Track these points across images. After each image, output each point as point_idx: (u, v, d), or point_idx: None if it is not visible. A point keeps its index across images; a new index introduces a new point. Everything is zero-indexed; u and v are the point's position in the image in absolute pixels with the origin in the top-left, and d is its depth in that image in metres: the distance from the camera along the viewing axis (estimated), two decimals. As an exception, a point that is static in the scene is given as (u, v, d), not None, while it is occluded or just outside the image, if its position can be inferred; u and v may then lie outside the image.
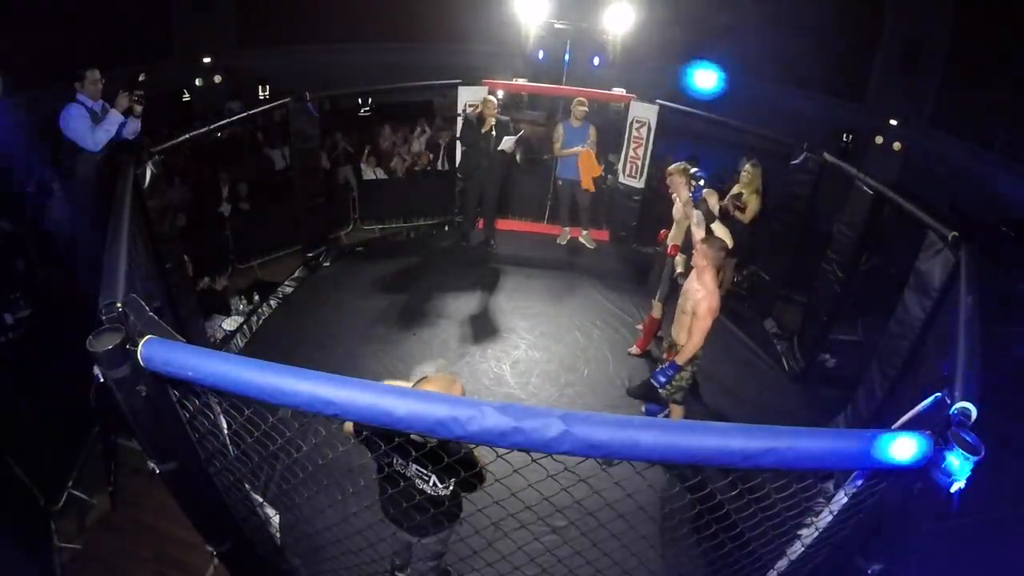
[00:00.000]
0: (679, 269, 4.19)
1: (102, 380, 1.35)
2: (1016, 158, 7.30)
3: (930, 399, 1.52)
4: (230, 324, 5.12)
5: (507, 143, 5.90)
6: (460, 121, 6.31)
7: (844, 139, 9.03)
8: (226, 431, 1.83)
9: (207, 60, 9.12)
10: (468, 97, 6.29)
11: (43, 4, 6.58)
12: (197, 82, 9.07)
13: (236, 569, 2.26)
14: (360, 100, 7.58)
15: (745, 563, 2.01)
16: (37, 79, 5.75)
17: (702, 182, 4.10)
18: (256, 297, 5.55)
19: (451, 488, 2.25)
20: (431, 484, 2.23)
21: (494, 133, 5.91)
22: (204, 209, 6.37)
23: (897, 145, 8.97)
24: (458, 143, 6.47)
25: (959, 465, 1.17)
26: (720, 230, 4.10)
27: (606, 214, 7.02)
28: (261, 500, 2.45)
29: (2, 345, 4.07)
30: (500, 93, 6.74)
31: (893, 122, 8.92)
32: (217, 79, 9.33)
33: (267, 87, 9.45)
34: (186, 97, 8.88)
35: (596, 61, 7.47)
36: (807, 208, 5.29)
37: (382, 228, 7.13)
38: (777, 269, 5.71)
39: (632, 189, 6.66)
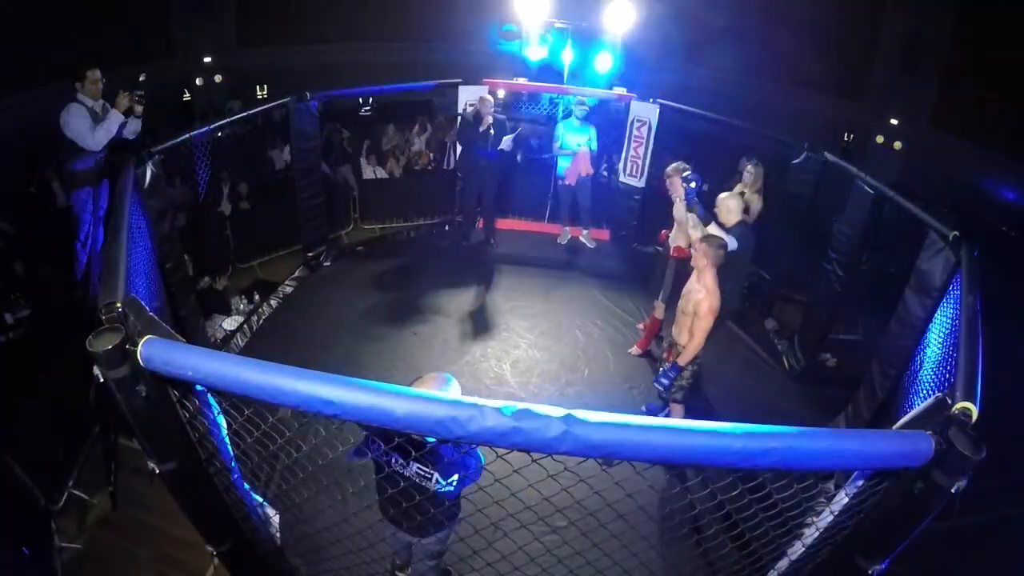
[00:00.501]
0: None
1: (102, 380, 1.34)
2: (1016, 158, 7.29)
3: (931, 399, 1.52)
4: (230, 324, 5.12)
5: (505, 142, 5.89)
6: (459, 120, 6.31)
7: (844, 139, 9.02)
8: (226, 431, 1.83)
9: (207, 60, 9.14)
10: (468, 96, 6.29)
11: (44, 3, 6.58)
12: (197, 82, 9.09)
13: (236, 569, 2.25)
14: (360, 100, 7.58)
15: (745, 563, 2.01)
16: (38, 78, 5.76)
17: (694, 184, 4.11)
18: (256, 297, 5.54)
19: (455, 483, 2.24)
20: (434, 481, 2.22)
21: (492, 132, 5.91)
22: (204, 209, 6.36)
23: (897, 145, 8.97)
24: (457, 142, 6.48)
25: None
26: (717, 230, 4.09)
27: (606, 214, 7.02)
28: (261, 500, 2.45)
29: (2, 345, 4.08)
30: (500, 92, 6.74)
31: (894, 121, 8.91)
32: (217, 79, 9.35)
33: (266, 87, 9.46)
34: (186, 97, 8.89)
35: (599, 61, 7.45)
36: (808, 208, 5.29)
37: (382, 228, 7.12)
38: (777, 269, 5.70)
39: (632, 188, 6.66)
